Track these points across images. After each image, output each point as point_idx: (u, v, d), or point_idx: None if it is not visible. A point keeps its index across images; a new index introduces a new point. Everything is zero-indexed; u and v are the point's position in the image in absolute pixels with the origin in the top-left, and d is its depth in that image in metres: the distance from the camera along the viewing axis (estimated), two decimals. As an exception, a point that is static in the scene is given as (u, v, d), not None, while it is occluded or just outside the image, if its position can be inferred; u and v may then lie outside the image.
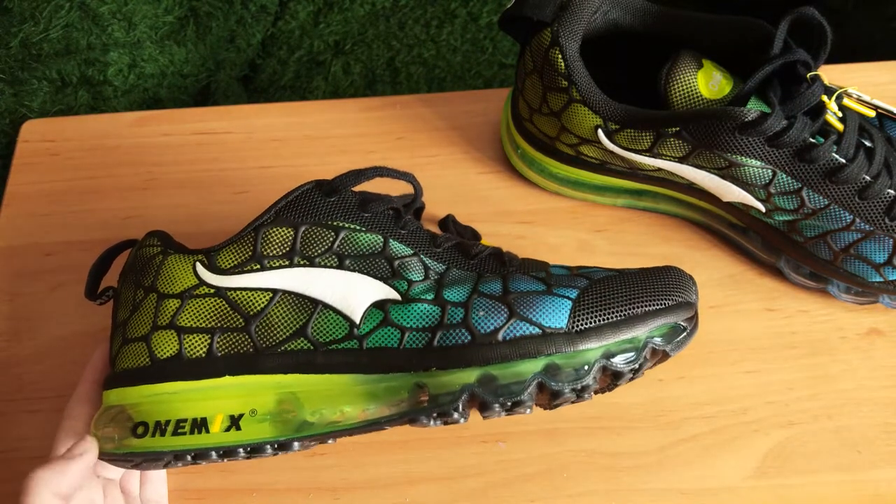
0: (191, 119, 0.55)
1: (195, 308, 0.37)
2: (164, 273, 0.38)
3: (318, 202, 0.38)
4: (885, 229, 0.43)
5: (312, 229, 0.37)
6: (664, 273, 0.38)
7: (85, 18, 0.62)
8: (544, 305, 0.36)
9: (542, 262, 0.40)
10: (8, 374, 0.46)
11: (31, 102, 0.61)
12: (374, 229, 0.38)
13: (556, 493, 0.42)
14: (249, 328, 0.37)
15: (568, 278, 0.38)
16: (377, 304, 0.37)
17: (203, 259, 0.38)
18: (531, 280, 0.38)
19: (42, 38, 0.61)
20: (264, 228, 0.37)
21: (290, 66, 0.70)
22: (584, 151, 0.47)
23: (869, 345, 0.46)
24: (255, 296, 0.37)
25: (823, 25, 0.41)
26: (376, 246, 0.38)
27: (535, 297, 0.36)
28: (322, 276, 0.37)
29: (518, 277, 0.38)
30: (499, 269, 0.39)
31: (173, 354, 0.37)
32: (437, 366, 0.35)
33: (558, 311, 0.36)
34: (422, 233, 0.39)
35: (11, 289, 0.49)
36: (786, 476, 0.42)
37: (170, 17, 0.66)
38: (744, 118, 0.40)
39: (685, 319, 0.37)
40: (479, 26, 0.71)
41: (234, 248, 0.38)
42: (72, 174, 0.53)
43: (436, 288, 0.37)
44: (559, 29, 0.43)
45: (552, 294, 0.36)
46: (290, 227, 0.37)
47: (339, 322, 0.36)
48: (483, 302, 0.36)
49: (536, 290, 0.37)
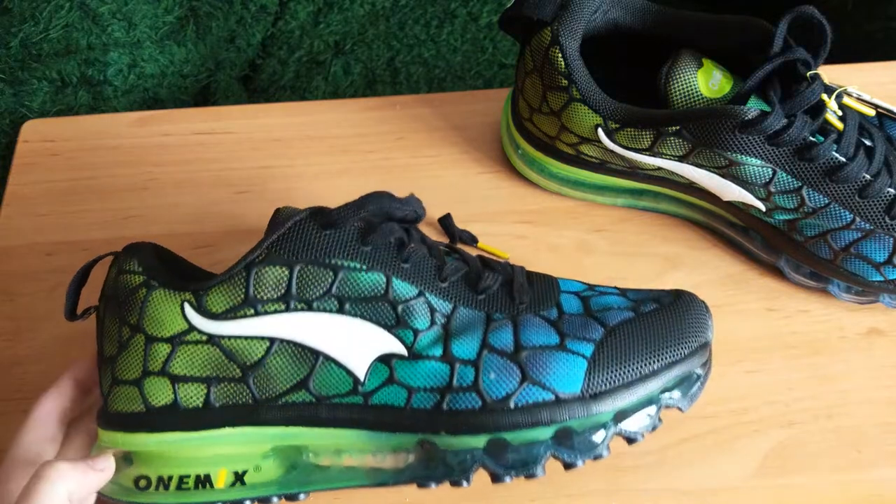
0: (191, 119, 0.55)
1: (188, 355, 0.35)
2: (149, 312, 0.35)
3: (313, 236, 0.35)
4: (885, 228, 0.43)
5: (309, 269, 0.34)
6: (683, 312, 0.37)
7: (85, 18, 0.62)
8: (558, 367, 0.34)
9: (552, 285, 0.38)
10: (8, 374, 0.46)
11: (31, 102, 0.61)
12: (375, 267, 0.35)
13: (556, 492, 0.42)
14: (247, 379, 0.35)
15: (581, 322, 0.36)
16: (382, 359, 0.35)
17: (191, 300, 0.35)
18: (543, 325, 0.36)
19: (42, 38, 0.61)
20: (256, 268, 0.34)
21: (290, 66, 0.70)
22: (584, 151, 0.47)
23: (869, 344, 0.46)
24: (252, 344, 0.35)
25: (823, 24, 0.41)
26: (378, 287, 0.35)
27: (548, 356, 0.35)
28: (322, 323, 0.34)
29: (529, 321, 0.36)
30: (508, 307, 0.36)
31: (169, 403, 0.35)
32: (446, 430, 0.34)
33: (573, 374, 0.34)
34: (426, 262, 0.37)
35: (11, 289, 0.49)
36: (786, 476, 0.42)
37: (170, 17, 0.66)
38: (744, 117, 0.40)
39: (700, 365, 0.36)
40: (479, 26, 0.71)
41: (224, 290, 0.34)
42: (72, 174, 0.53)
43: (443, 338, 0.35)
44: (559, 28, 0.43)
45: (566, 350, 0.35)
46: (285, 267, 0.34)
47: (343, 376, 0.35)
48: (494, 361, 0.34)
49: (549, 343, 0.35)
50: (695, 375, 0.36)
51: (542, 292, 0.38)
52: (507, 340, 0.35)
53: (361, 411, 0.35)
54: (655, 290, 0.39)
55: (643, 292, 0.39)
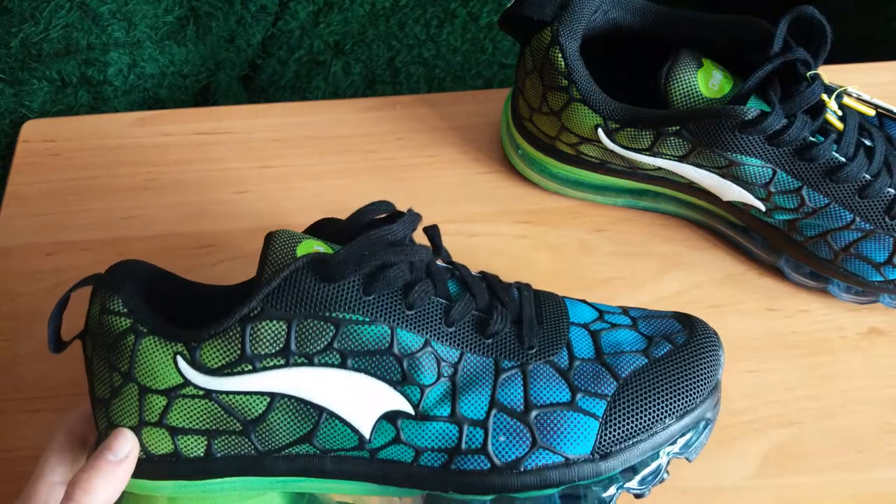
0: (191, 119, 0.55)
1: (185, 409, 0.33)
2: (140, 362, 0.33)
3: (312, 288, 0.32)
4: (885, 228, 0.43)
5: (308, 323, 0.32)
6: (697, 353, 0.36)
7: (85, 18, 0.62)
8: (569, 430, 0.34)
9: (560, 314, 0.37)
10: (8, 374, 0.46)
11: (31, 102, 0.61)
12: (379, 318, 0.33)
13: (556, 492, 0.42)
14: (249, 433, 0.34)
15: (592, 371, 0.35)
16: (388, 417, 0.33)
17: (184, 352, 0.33)
18: (553, 377, 0.35)
19: (42, 38, 0.61)
20: (252, 323, 0.32)
21: (290, 66, 0.70)
22: (584, 151, 0.47)
23: (869, 344, 0.46)
24: (251, 400, 0.33)
25: (823, 24, 0.41)
26: (383, 341, 0.33)
27: (559, 417, 0.34)
28: (324, 379, 0.33)
29: (539, 372, 0.35)
30: (517, 352, 0.35)
31: (169, 452, 0.34)
32: (455, 489, 0.34)
33: (584, 436, 0.34)
34: (432, 305, 0.34)
35: (11, 289, 0.49)
36: (786, 476, 0.42)
37: (170, 17, 0.66)
38: (744, 117, 0.40)
39: (711, 408, 0.36)
40: (479, 26, 0.71)
41: (219, 344, 0.32)
42: (72, 174, 0.53)
43: (451, 393, 0.34)
44: (559, 28, 0.43)
45: (578, 410, 0.34)
46: (282, 321, 0.32)
47: (347, 433, 0.34)
48: (503, 422, 0.34)
49: (560, 401, 0.34)
50: (704, 422, 0.36)
51: (551, 327, 0.36)
52: (517, 397, 0.34)
53: (368, 465, 0.34)
54: (666, 319, 0.38)
55: (654, 321, 0.38)
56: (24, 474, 0.44)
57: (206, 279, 0.49)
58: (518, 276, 0.48)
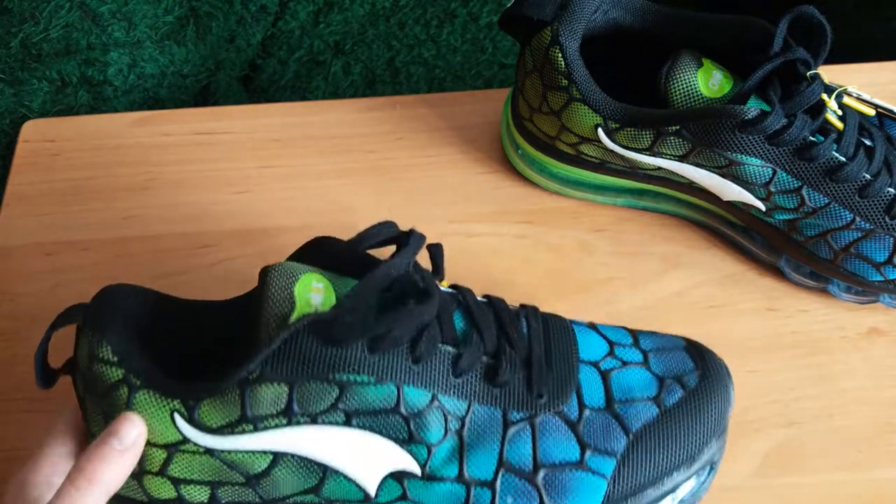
0: (191, 119, 0.55)
1: (186, 462, 0.33)
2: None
3: (315, 352, 0.31)
4: (885, 228, 0.43)
5: (311, 385, 0.31)
6: (709, 398, 0.35)
7: (85, 18, 0.62)
8: (577, 490, 0.33)
9: (570, 350, 0.36)
10: (8, 374, 0.46)
11: (31, 102, 0.61)
12: (385, 378, 0.32)
13: (556, 492, 0.42)
14: (253, 485, 0.33)
15: (603, 423, 0.34)
16: (394, 476, 0.33)
17: (182, 410, 0.31)
18: (563, 432, 0.34)
19: (42, 38, 0.61)
20: (251, 387, 0.31)
21: (290, 66, 0.70)
22: (584, 150, 0.47)
23: (869, 344, 0.46)
24: (254, 458, 0.32)
25: (823, 24, 0.41)
26: (389, 400, 0.32)
27: (567, 478, 0.33)
28: (328, 437, 0.32)
29: (548, 425, 0.34)
30: (527, 402, 0.34)
31: (173, 498, 0.33)
32: None
33: (592, 496, 0.33)
34: (440, 357, 0.33)
35: (11, 289, 0.49)
36: (787, 476, 0.42)
37: (170, 17, 0.66)
38: (744, 116, 0.40)
39: (719, 449, 0.36)
40: (479, 26, 0.71)
41: (218, 405, 0.31)
42: (72, 174, 0.53)
43: (458, 451, 0.33)
44: (559, 28, 0.43)
45: (586, 469, 0.33)
46: (284, 384, 0.31)
47: (353, 489, 0.33)
48: (511, 483, 0.33)
49: (569, 460, 0.33)
50: (710, 465, 0.36)
51: (561, 369, 0.35)
52: (526, 456, 0.33)
53: None
54: (678, 352, 0.37)
55: (665, 356, 0.37)
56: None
57: (205, 279, 0.49)
58: (518, 275, 0.48)
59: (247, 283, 0.48)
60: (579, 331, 0.37)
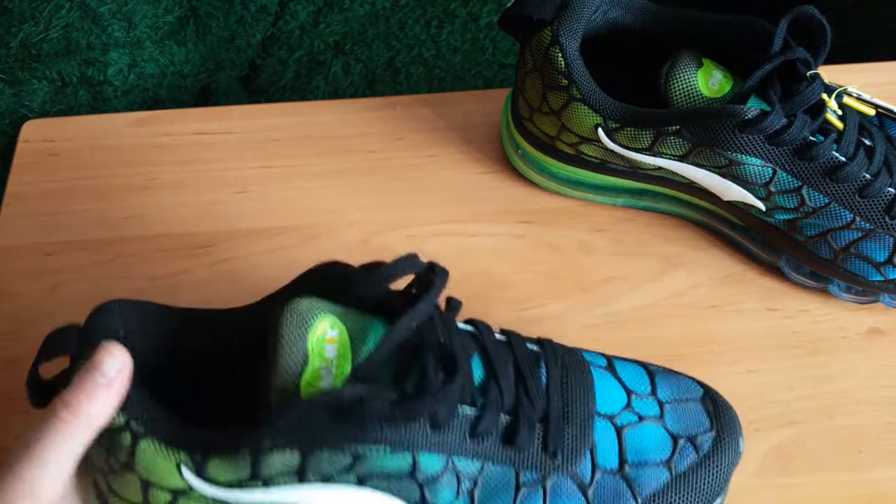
0: (191, 119, 0.55)
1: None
2: (141, 461, 0.31)
3: (329, 426, 0.30)
4: (885, 228, 0.43)
5: (325, 453, 0.30)
6: (720, 460, 0.35)
7: (85, 18, 0.62)
8: None
9: (588, 406, 0.35)
10: (8, 374, 0.46)
11: (31, 102, 0.61)
12: (401, 447, 0.31)
13: (556, 492, 0.42)
14: None
15: (614, 489, 0.34)
16: None
17: (189, 463, 0.30)
18: (574, 495, 0.33)
19: (42, 38, 0.61)
20: (262, 454, 0.30)
21: (290, 66, 0.70)
22: (584, 150, 0.47)
23: (870, 344, 0.46)
24: None
25: (823, 24, 0.41)
26: (405, 467, 0.31)
27: None
28: (341, 497, 0.31)
29: (560, 488, 0.33)
30: (540, 461, 0.33)
31: None
32: None
33: None
34: (458, 421, 0.32)
35: (11, 289, 0.49)
36: (787, 475, 0.42)
37: (170, 17, 0.66)
38: (744, 116, 0.40)
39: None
40: (479, 26, 0.71)
41: (227, 463, 0.30)
42: (72, 174, 0.53)
43: None
44: (559, 27, 0.43)
45: None
46: (297, 451, 0.30)
47: None
48: None
49: None
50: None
51: (577, 424, 0.34)
52: None
53: None
54: (695, 403, 0.37)
55: (682, 409, 0.37)
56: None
57: (205, 279, 0.49)
58: (518, 275, 0.48)
59: (246, 283, 0.48)
60: (597, 375, 0.37)
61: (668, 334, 0.46)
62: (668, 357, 0.46)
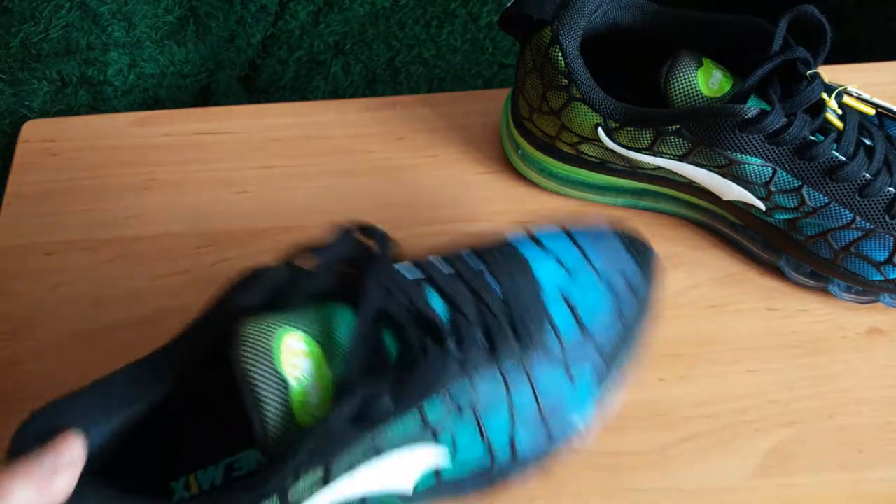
0: (191, 119, 0.55)
1: None
2: None
3: (343, 437, 0.31)
4: (885, 227, 0.43)
5: (345, 455, 0.31)
6: (654, 303, 0.39)
7: (85, 18, 0.62)
8: (567, 402, 0.36)
9: (536, 292, 0.37)
10: (8, 374, 0.46)
11: (31, 102, 0.61)
12: (406, 409, 0.32)
13: (556, 492, 0.42)
14: None
15: (581, 345, 0.36)
16: (427, 475, 0.34)
17: None
18: (551, 366, 0.36)
19: (42, 38, 0.61)
20: (288, 489, 0.30)
21: (290, 66, 0.70)
22: (584, 150, 0.47)
23: (870, 344, 0.46)
24: None
25: (823, 24, 0.41)
26: (414, 424, 0.33)
27: (561, 398, 0.36)
28: (363, 474, 0.32)
29: (538, 366, 0.35)
30: (516, 353, 0.35)
31: None
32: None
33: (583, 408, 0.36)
34: (449, 363, 0.33)
35: (11, 289, 0.49)
36: (787, 475, 0.42)
37: (170, 17, 0.66)
38: (744, 115, 0.40)
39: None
40: (479, 26, 0.71)
41: None
42: (72, 174, 0.53)
43: (477, 426, 0.35)
44: (559, 27, 0.43)
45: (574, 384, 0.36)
46: (319, 468, 0.31)
47: (391, 499, 0.34)
48: (525, 429, 0.35)
49: (563, 389, 0.36)
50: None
51: (532, 312, 0.36)
52: (529, 400, 0.35)
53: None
54: (613, 246, 0.40)
55: (604, 254, 0.40)
56: (24, 474, 0.44)
57: (205, 279, 0.49)
58: (518, 275, 0.48)
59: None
60: (530, 256, 0.38)
61: (668, 334, 0.46)
62: (669, 357, 0.46)
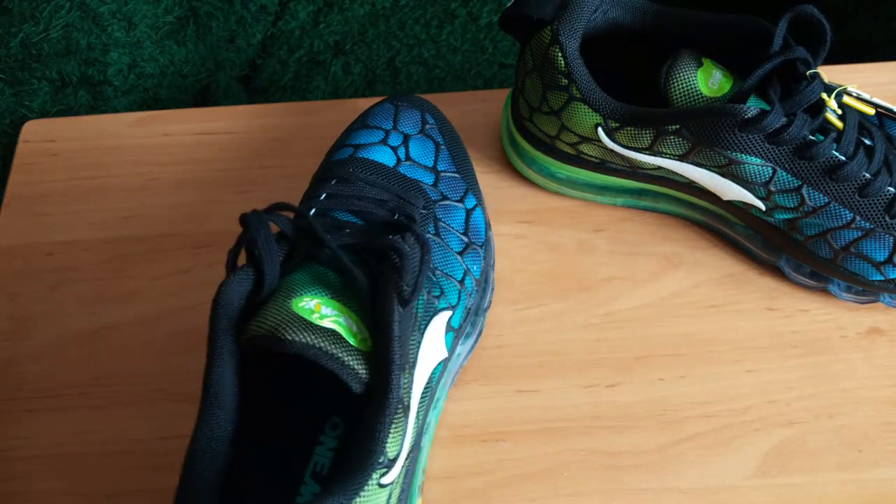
0: (191, 119, 0.55)
1: None
2: None
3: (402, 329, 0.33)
4: (885, 227, 0.43)
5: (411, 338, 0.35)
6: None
7: (85, 18, 0.62)
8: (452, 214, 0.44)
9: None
10: (8, 374, 0.46)
11: (31, 102, 0.61)
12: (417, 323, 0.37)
13: (556, 492, 0.42)
14: None
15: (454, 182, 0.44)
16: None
17: None
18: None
19: (42, 38, 0.61)
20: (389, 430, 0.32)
21: (290, 66, 0.70)
22: (584, 150, 0.47)
23: (870, 344, 0.46)
24: None
25: (823, 23, 0.41)
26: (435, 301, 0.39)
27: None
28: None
29: (448, 209, 0.42)
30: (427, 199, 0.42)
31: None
32: None
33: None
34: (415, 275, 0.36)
35: (11, 289, 0.49)
36: (787, 475, 0.42)
37: (170, 17, 0.66)
38: (744, 115, 0.40)
39: None
40: (479, 26, 0.71)
41: None
42: (72, 174, 0.53)
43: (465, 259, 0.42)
44: (559, 27, 0.43)
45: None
46: (406, 372, 0.33)
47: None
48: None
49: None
50: None
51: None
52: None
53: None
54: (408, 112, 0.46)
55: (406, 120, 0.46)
56: (23, 474, 0.44)
57: (205, 279, 0.49)
58: (518, 276, 0.48)
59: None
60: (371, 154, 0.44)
61: (668, 334, 0.46)
62: (668, 357, 0.46)
